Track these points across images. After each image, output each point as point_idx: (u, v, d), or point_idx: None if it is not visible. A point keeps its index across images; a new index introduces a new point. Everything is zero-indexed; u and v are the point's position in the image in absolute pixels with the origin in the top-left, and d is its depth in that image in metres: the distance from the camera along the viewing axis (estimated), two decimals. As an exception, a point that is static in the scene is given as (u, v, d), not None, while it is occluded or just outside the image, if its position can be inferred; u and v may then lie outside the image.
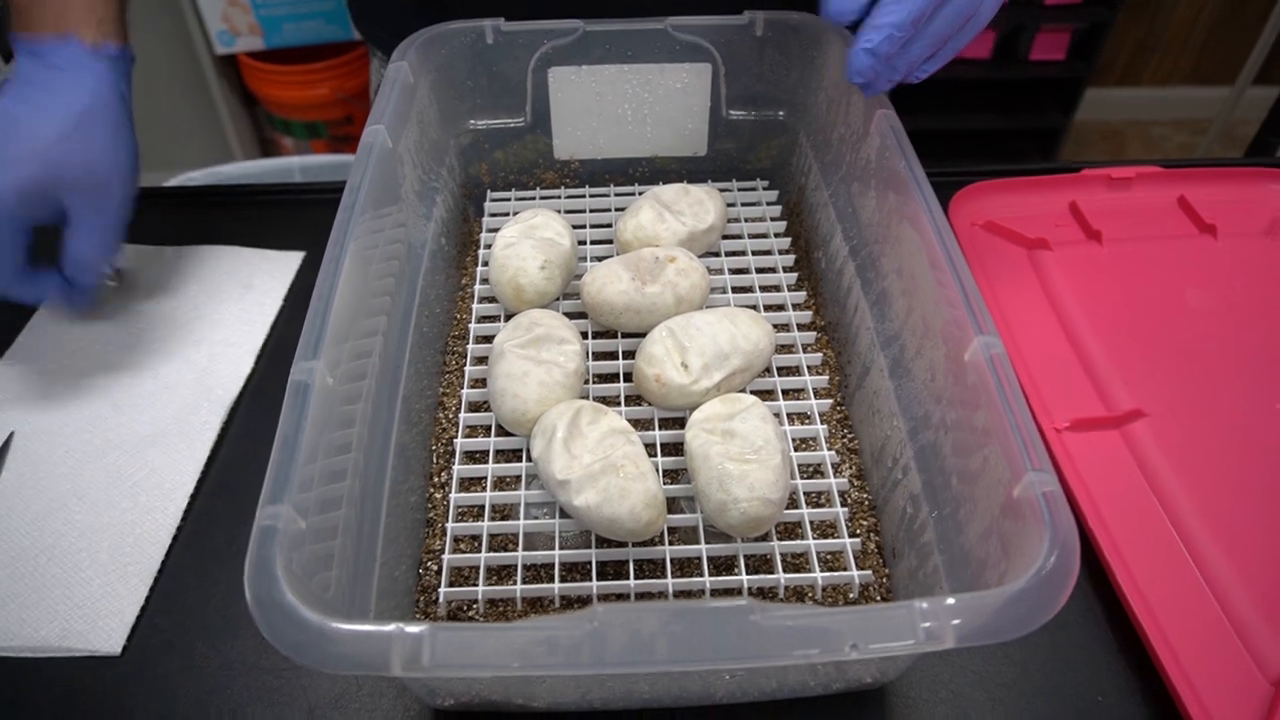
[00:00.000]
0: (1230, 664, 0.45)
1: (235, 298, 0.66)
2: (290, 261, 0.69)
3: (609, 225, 0.66)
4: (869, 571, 0.46)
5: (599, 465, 0.45)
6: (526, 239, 0.57)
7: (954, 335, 0.42)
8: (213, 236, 0.71)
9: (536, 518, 0.49)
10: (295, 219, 0.73)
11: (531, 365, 0.50)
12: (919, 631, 0.31)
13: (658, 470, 0.49)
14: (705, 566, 0.46)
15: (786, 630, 0.31)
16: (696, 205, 0.61)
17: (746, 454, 0.45)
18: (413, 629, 0.31)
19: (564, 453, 0.46)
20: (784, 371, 0.56)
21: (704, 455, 0.46)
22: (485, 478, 0.51)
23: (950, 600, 0.32)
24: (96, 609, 0.48)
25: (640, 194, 0.65)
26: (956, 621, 0.31)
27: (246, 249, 0.70)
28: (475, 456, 0.52)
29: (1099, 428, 0.56)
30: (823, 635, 0.31)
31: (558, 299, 0.59)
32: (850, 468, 0.52)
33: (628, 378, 0.55)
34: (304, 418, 0.37)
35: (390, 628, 0.31)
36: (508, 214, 0.67)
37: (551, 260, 0.56)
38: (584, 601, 0.46)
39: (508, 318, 0.57)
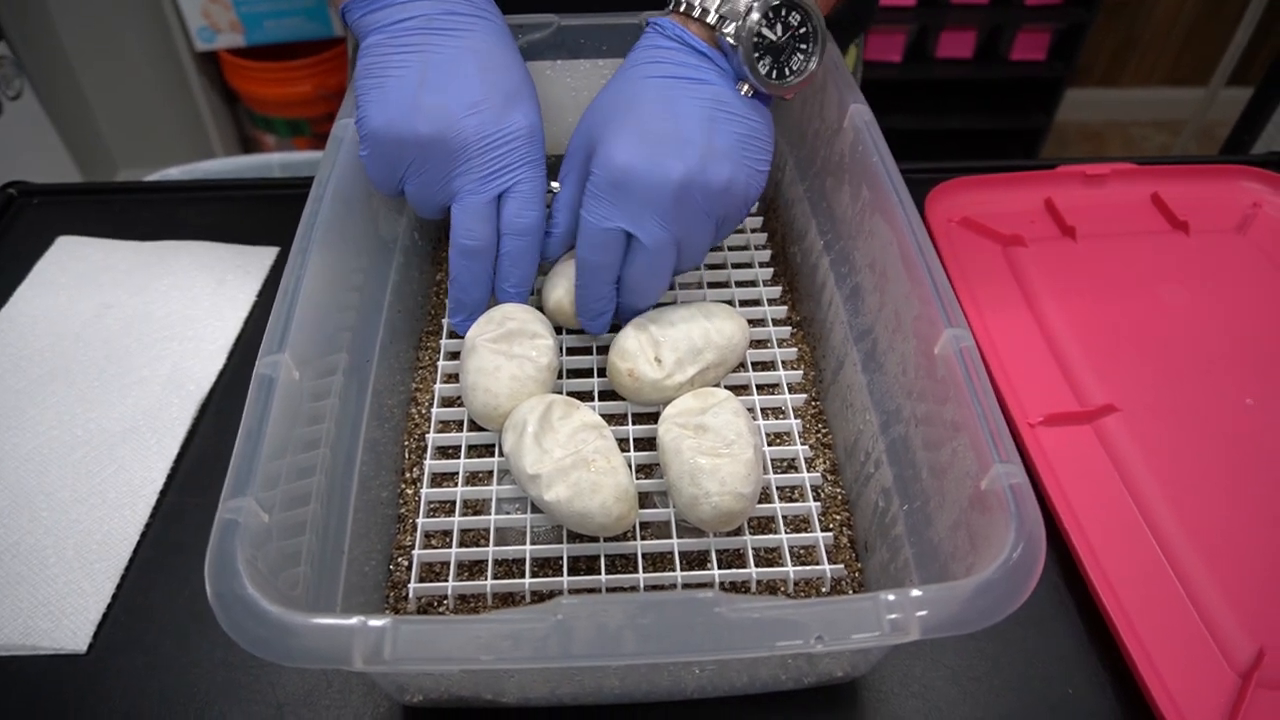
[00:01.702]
0: (1198, 656, 0.45)
1: (208, 293, 0.65)
2: (264, 257, 0.69)
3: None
4: (841, 566, 0.46)
5: (570, 460, 0.45)
6: None
7: (924, 329, 0.42)
8: (188, 232, 0.70)
9: (508, 513, 0.49)
10: (270, 215, 0.73)
11: (503, 360, 0.50)
12: (884, 623, 0.31)
13: (630, 465, 0.49)
14: (677, 561, 0.46)
15: (752, 622, 0.31)
16: None
17: (718, 448, 0.45)
18: (375, 622, 0.30)
19: (535, 447, 0.45)
20: (759, 366, 0.56)
21: (676, 450, 0.46)
22: (457, 473, 0.50)
23: (916, 592, 0.32)
24: (62, 606, 0.48)
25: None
26: (922, 613, 0.31)
27: (220, 244, 0.69)
28: (447, 451, 0.52)
29: (1072, 422, 0.56)
30: (789, 627, 0.31)
31: (531, 294, 0.59)
32: (824, 462, 0.52)
33: (601, 372, 0.54)
34: (268, 411, 0.37)
35: (352, 621, 0.30)
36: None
37: None
38: (555, 596, 0.45)
39: (481, 312, 0.57)
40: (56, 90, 1.83)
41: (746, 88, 0.48)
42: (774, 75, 0.48)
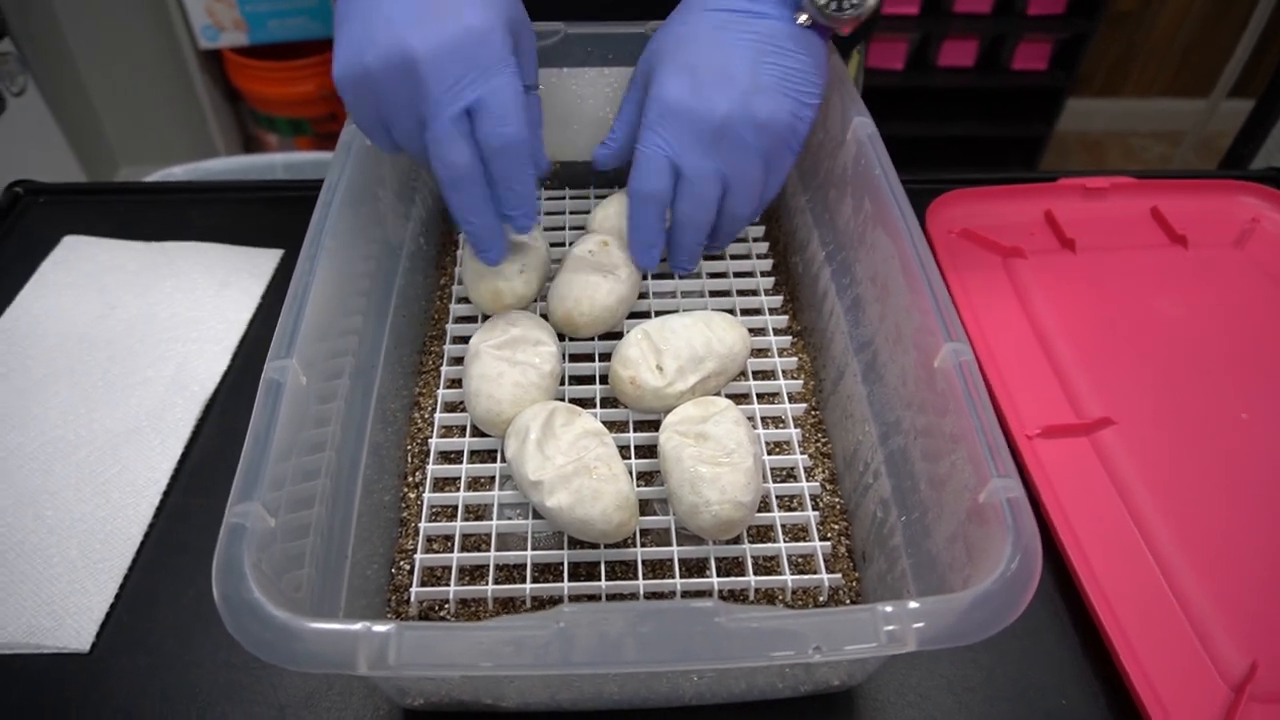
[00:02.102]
0: (1191, 668, 0.46)
1: (212, 294, 0.66)
2: (269, 259, 0.69)
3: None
4: (839, 575, 0.47)
5: (571, 467, 0.45)
6: None
7: (924, 342, 0.42)
8: (193, 233, 0.71)
9: (510, 518, 0.49)
10: (275, 216, 0.73)
11: (506, 366, 0.50)
12: (881, 634, 0.32)
13: (631, 472, 0.49)
14: (677, 568, 0.46)
15: (752, 632, 0.32)
16: None
17: (719, 457, 0.46)
18: (380, 628, 0.31)
19: (537, 454, 0.46)
20: (759, 375, 0.57)
21: (676, 458, 0.46)
22: (459, 478, 0.51)
23: (913, 604, 0.32)
24: (65, 606, 0.48)
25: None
26: (919, 625, 0.32)
27: (224, 246, 0.70)
28: (450, 457, 0.52)
29: (1069, 435, 0.57)
30: (787, 637, 0.32)
31: (535, 300, 0.59)
32: (823, 472, 0.53)
33: (603, 379, 0.55)
34: (276, 416, 0.37)
35: (357, 626, 0.31)
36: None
37: (528, 264, 0.57)
38: (555, 602, 0.46)
39: (485, 318, 0.57)
40: (60, 87, 1.84)
41: (804, 18, 0.49)
42: (832, 7, 0.49)
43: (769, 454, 0.52)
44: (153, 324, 0.63)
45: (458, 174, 0.46)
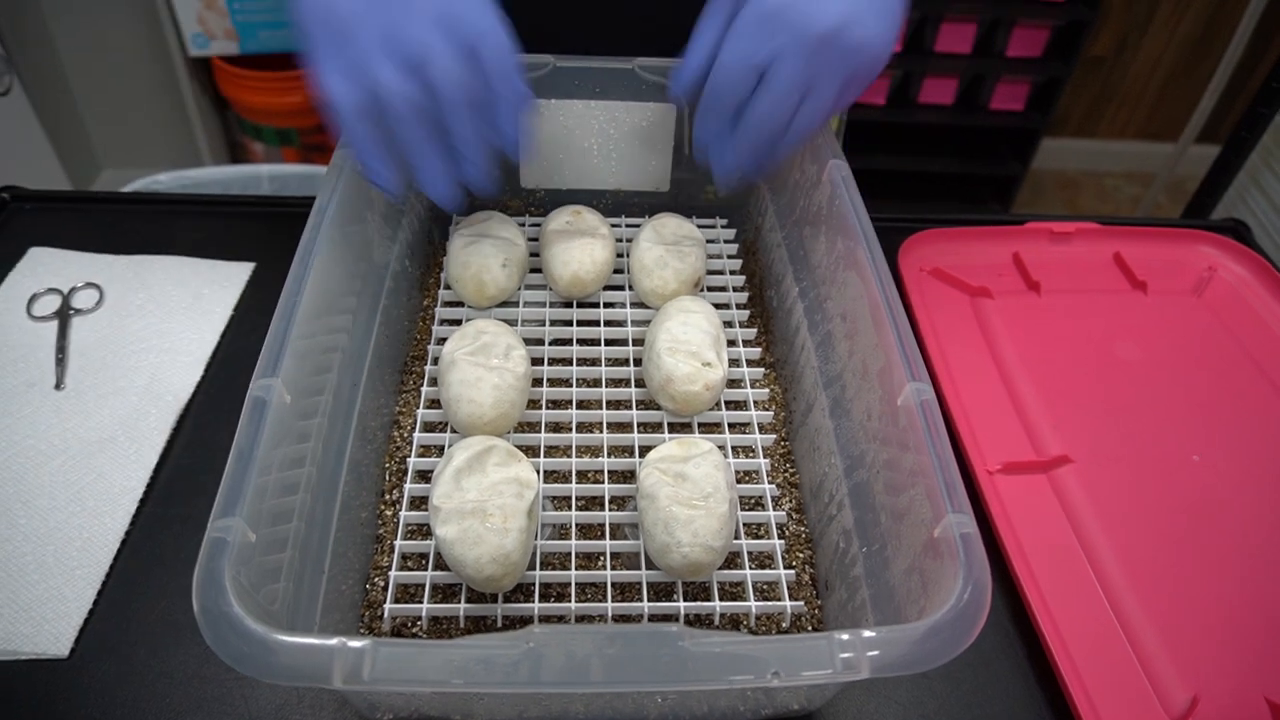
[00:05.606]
0: (1136, 701, 0.48)
1: (185, 307, 0.66)
2: (240, 272, 0.70)
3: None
4: (801, 603, 0.48)
5: (472, 505, 0.45)
6: (485, 238, 0.61)
7: (889, 380, 0.44)
8: (176, 245, 0.71)
9: (484, 538, 0.50)
10: (251, 230, 0.74)
11: (484, 371, 0.52)
12: (837, 661, 0.33)
13: (604, 497, 0.51)
14: (645, 592, 0.48)
15: (714, 657, 0.33)
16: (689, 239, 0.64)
17: (694, 499, 0.47)
18: (355, 643, 0.32)
19: (451, 481, 0.46)
20: (731, 405, 0.58)
21: (653, 495, 0.47)
22: (436, 497, 0.52)
23: (868, 633, 0.34)
24: (43, 612, 0.48)
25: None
26: (873, 653, 0.33)
27: (196, 259, 0.71)
28: (427, 476, 0.53)
29: (1028, 471, 0.59)
30: (748, 662, 0.33)
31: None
32: (790, 501, 0.54)
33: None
34: (260, 434, 0.38)
35: (333, 641, 0.32)
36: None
37: (511, 259, 0.61)
38: (526, 622, 0.47)
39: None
40: (46, 87, 1.83)
41: None
42: None
43: (738, 482, 0.53)
44: (125, 335, 0.64)
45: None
